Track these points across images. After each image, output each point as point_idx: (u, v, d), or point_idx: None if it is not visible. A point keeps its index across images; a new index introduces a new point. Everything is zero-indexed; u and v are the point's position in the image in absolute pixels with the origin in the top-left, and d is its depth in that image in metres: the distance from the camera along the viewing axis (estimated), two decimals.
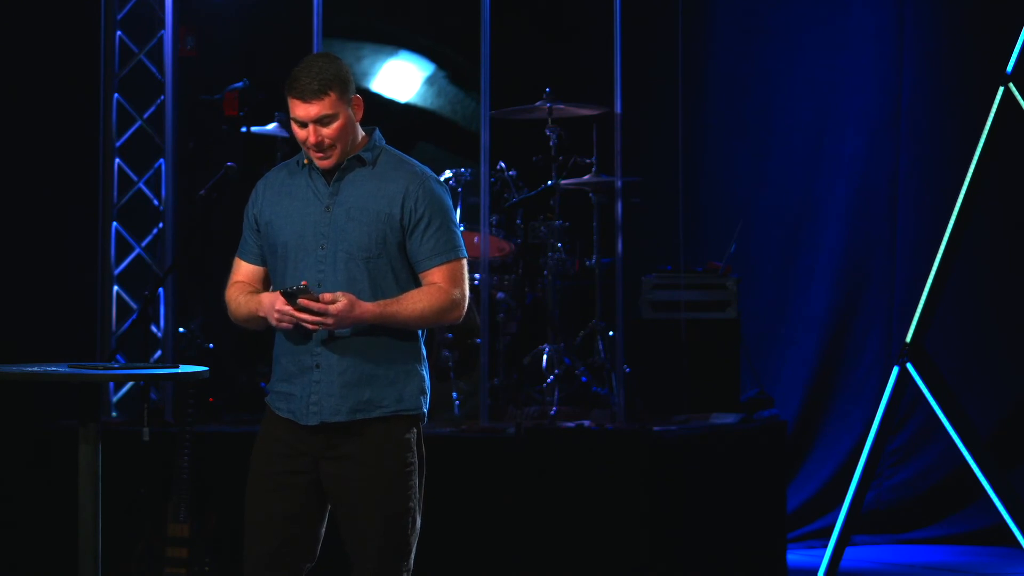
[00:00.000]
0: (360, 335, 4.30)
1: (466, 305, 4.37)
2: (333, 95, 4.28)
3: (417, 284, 4.35)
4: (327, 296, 4.20)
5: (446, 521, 6.64)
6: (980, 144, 6.82)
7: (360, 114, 4.37)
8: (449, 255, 4.34)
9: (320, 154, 4.33)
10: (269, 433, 4.41)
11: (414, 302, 4.28)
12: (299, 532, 4.36)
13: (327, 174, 4.39)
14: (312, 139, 4.30)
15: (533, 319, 7.94)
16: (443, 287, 4.31)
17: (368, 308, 4.23)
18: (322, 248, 4.33)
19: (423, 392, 4.38)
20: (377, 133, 4.44)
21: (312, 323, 4.20)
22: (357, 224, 4.31)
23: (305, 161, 4.42)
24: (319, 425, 4.31)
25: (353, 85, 4.36)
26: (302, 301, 4.18)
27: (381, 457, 4.30)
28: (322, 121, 4.29)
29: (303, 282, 4.24)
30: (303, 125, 4.30)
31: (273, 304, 4.25)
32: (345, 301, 4.19)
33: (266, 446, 4.40)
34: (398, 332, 4.32)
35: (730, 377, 7.74)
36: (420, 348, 4.39)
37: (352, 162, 4.38)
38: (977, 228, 7.31)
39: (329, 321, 4.19)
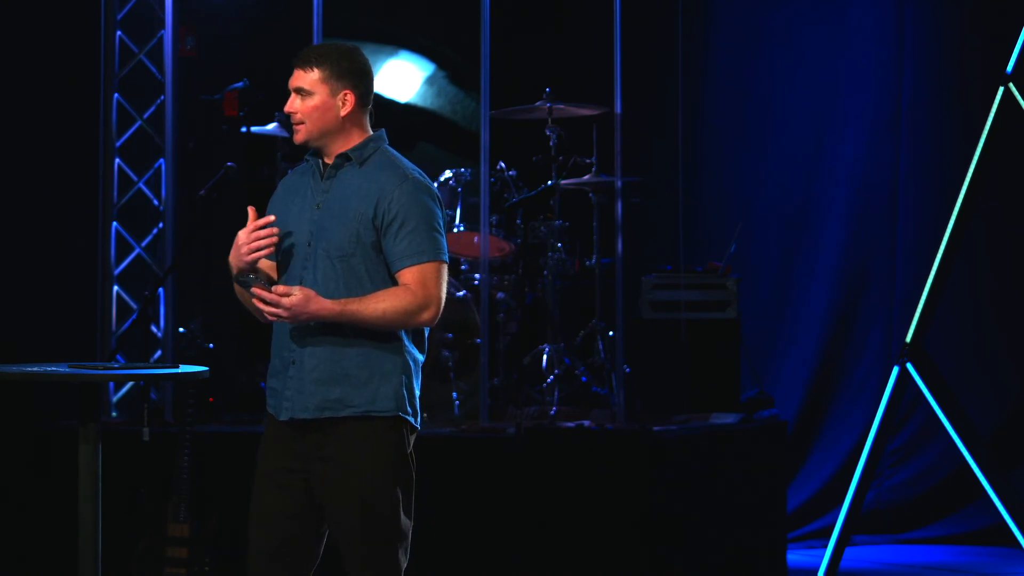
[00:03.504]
0: (336, 335, 4.30)
1: (439, 308, 4.32)
2: (318, 72, 4.32)
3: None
4: (280, 288, 4.22)
5: (446, 521, 6.64)
6: (980, 144, 6.82)
7: (348, 111, 4.35)
8: (422, 257, 4.30)
9: (294, 124, 4.38)
10: (269, 432, 4.43)
11: (376, 302, 4.26)
12: (299, 530, 4.36)
13: (323, 172, 4.40)
14: (287, 106, 4.36)
15: (533, 319, 7.93)
16: (411, 288, 4.28)
17: (326, 305, 4.23)
18: (308, 245, 4.35)
19: (400, 396, 4.33)
20: (380, 133, 4.44)
21: (267, 313, 4.23)
22: (338, 222, 4.32)
23: (310, 159, 4.43)
24: (293, 422, 4.33)
25: (354, 81, 4.34)
26: (255, 289, 4.22)
27: (357, 458, 4.29)
28: (299, 92, 4.34)
29: (253, 274, 4.29)
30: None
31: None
32: (300, 295, 4.21)
33: (266, 444, 4.42)
34: (377, 333, 4.30)
35: (730, 377, 7.74)
36: (402, 351, 4.34)
37: (340, 160, 4.39)
38: (977, 228, 7.31)
39: (283, 313, 4.21)
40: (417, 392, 4.40)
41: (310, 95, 4.33)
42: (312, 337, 4.31)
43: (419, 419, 4.42)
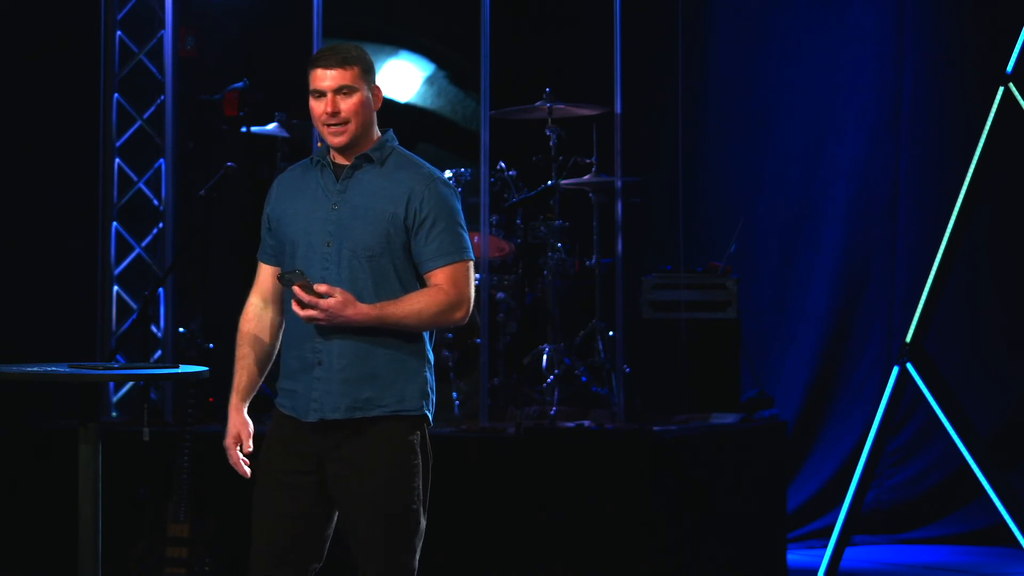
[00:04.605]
0: (363, 333, 4.28)
1: (470, 307, 4.35)
2: (356, 69, 4.31)
3: (422, 286, 4.34)
4: (322, 287, 4.20)
5: (447, 521, 6.63)
6: (980, 144, 6.82)
7: (379, 105, 4.38)
8: (453, 256, 4.32)
9: (335, 126, 4.31)
10: (275, 432, 4.42)
11: (412, 303, 4.27)
12: (304, 532, 4.36)
13: (336, 172, 4.38)
14: (329, 107, 4.29)
15: (533, 319, 7.94)
16: (444, 288, 4.30)
17: (364, 310, 4.22)
18: (327, 245, 4.32)
19: (425, 394, 4.36)
20: (390, 133, 4.45)
21: (303, 315, 4.20)
22: (362, 223, 4.31)
23: (316, 158, 4.42)
24: (319, 423, 4.31)
25: (375, 78, 4.38)
26: (295, 288, 4.18)
27: (383, 457, 4.29)
28: (341, 91, 4.30)
29: (298, 270, 4.24)
30: (321, 95, 4.30)
31: (231, 430, 4.44)
32: (340, 298, 4.19)
33: (272, 445, 4.41)
34: (402, 332, 4.31)
35: (730, 377, 7.74)
36: (425, 349, 4.38)
37: (360, 160, 4.37)
38: (977, 228, 7.31)
39: (320, 315, 4.19)
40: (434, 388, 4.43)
41: (354, 91, 4.31)
42: (340, 337, 4.29)
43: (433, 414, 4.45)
